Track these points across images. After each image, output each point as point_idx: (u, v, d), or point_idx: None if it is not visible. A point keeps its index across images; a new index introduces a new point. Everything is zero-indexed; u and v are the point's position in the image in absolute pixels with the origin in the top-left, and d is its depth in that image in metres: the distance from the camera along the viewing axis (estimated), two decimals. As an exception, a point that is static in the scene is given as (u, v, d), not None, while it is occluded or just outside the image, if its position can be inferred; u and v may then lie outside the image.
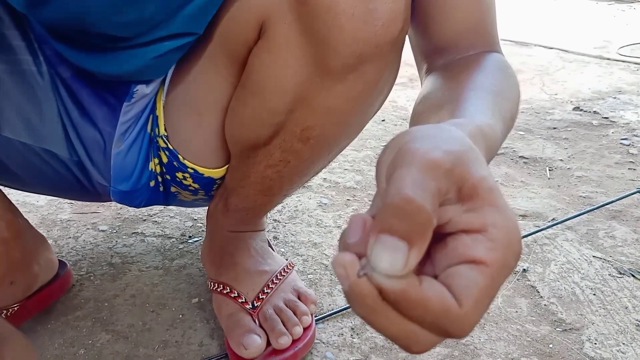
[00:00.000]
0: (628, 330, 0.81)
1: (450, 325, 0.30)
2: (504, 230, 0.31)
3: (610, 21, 3.49)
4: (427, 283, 0.30)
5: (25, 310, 0.80)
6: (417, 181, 0.30)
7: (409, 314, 0.30)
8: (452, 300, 0.30)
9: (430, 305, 0.29)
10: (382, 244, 0.28)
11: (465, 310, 0.30)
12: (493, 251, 0.30)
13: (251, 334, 0.73)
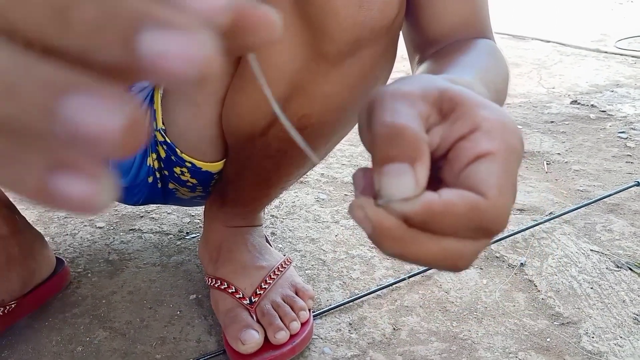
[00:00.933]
0: (625, 323, 0.81)
1: (484, 221, 0.30)
2: (495, 119, 0.32)
3: (607, 14, 3.48)
4: (445, 192, 0.30)
5: (22, 307, 0.80)
6: (393, 109, 0.31)
7: (441, 228, 0.29)
8: (476, 195, 0.29)
9: (457, 209, 0.29)
10: (387, 173, 0.29)
11: (492, 199, 0.29)
12: (494, 139, 0.31)
13: (249, 330, 0.73)
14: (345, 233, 1.05)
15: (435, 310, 0.84)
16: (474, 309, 0.85)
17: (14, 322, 0.80)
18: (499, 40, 2.99)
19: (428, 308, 0.85)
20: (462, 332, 0.80)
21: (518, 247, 1.00)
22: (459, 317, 0.83)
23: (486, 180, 0.30)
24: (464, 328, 0.81)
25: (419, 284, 0.90)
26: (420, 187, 0.29)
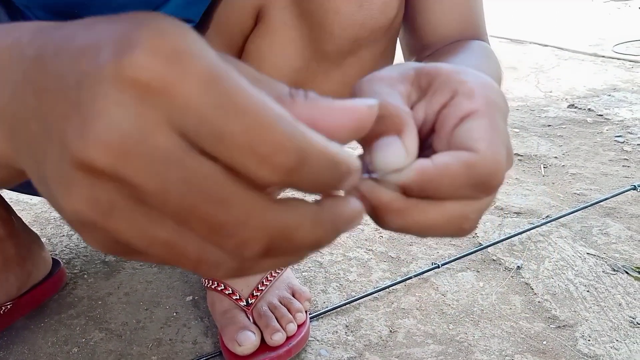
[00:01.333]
0: (621, 326, 0.81)
1: (481, 175, 0.30)
2: (473, 80, 0.32)
3: (605, 19, 3.49)
4: (437, 156, 0.30)
5: (18, 308, 0.80)
6: (374, 91, 0.31)
7: (440, 192, 0.30)
8: (468, 152, 0.30)
9: (452, 168, 0.29)
10: (377, 148, 0.29)
11: (483, 152, 0.30)
12: (474, 98, 0.31)
13: (245, 331, 0.73)
14: (342, 235, 1.05)
15: (431, 313, 0.84)
16: (470, 311, 0.85)
17: (10, 323, 0.80)
18: (497, 44, 3.00)
19: (425, 310, 0.85)
20: (459, 335, 0.80)
21: (515, 250, 1.00)
22: (456, 320, 0.83)
23: (474, 136, 0.30)
24: (461, 330, 0.81)
25: (416, 286, 0.90)
26: (411, 156, 0.29)
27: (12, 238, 0.80)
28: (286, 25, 0.57)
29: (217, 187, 0.21)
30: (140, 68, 0.19)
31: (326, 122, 0.24)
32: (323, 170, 0.23)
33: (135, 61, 0.19)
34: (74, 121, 0.20)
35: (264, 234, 0.22)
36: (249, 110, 0.20)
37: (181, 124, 0.20)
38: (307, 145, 0.21)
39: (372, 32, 0.56)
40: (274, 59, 0.59)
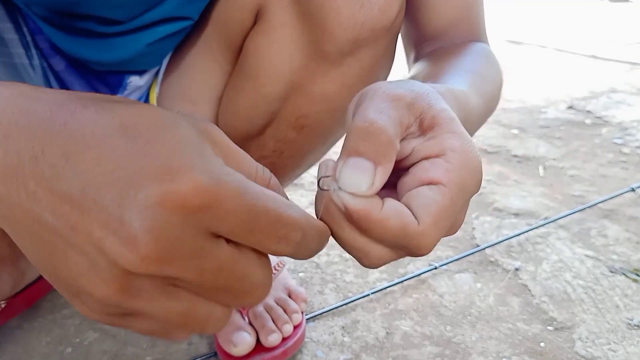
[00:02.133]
0: (619, 328, 0.80)
1: (408, 242, 0.31)
2: (461, 154, 0.32)
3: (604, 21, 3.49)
4: (389, 203, 0.31)
5: (12, 307, 0.79)
6: (380, 108, 0.32)
7: (370, 234, 0.31)
8: (411, 217, 0.31)
9: (391, 224, 0.30)
10: (350, 165, 0.30)
11: (422, 227, 0.31)
12: (450, 172, 0.32)
13: (240, 332, 0.72)
14: (339, 236, 1.05)
15: (429, 314, 0.84)
16: (467, 313, 0.84)
17: (4, 322, 0.79)
18: (497, 45, 3.00)
19: (422, 312, 0.84)
20: (456, 337, 0.79)
21: (512, 252, 1.00)
22: (453, 322, 0.82)
23: (426, 207, 0.31)
24: (458, 332, 0.80)
25: (413, 287, 0.90)
26: (373, 189, 0.30)
27: (6, 237, 0.79)
28: (286, 24, 0.57)
29: (239, 266, 0.28)
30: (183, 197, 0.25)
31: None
32: (315, 240, 0.31)
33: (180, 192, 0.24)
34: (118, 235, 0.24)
35: (267, 289, 0.30)
36: (269, 208, 0.27)
37: (217, 230, 0.26)
38: (306, 222, 0.29)
39: (373, 32, 0.56)
40: (273, 58, 0.59)
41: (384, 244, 0.32)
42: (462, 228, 1.07)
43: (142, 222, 0.24)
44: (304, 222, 0.29)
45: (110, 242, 0.24)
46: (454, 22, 0.62)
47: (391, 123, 0.31)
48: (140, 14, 0.58)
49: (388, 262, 0.35)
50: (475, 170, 0.33)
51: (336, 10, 0.53)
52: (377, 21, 0.55)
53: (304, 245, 0.30)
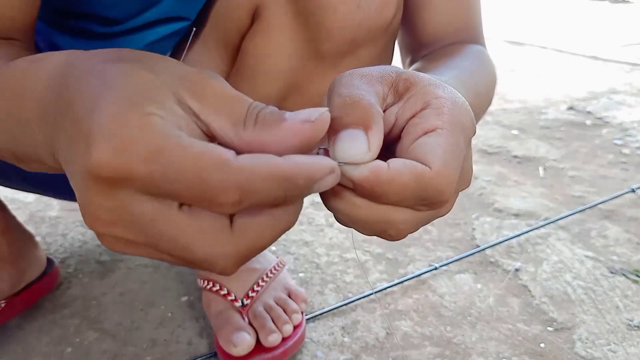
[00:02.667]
0: (619, 329, 0.80)
1: (427, 191, 0.31)
2: (446, 97, 0.33)
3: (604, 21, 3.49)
4: (394, 162, 0.31)
5: (12, 307, 0.79)
6: (352, 85, 0.33)
7: (387, 196, 0.30)
8: (421, 166, 0.31)
9: (403, 178, 0.30)
10: (341, 138, 0.30)
11: (436, 169, 0.31)
12: (442, 115, 0.32)
13: (240, 332, 0.72)
14: (339, 236, 1.05)
15: (429, 315, 0.84)
16: (467, 313, 0.84)
17: (4, 322, 0.79)
18: (497, 46, 3.01)
19: (422, 312, 0.84)
20: (456, 337, 0.79)
21: (512, 252, 1.00)
22: (453, 322, 0.82)
23: (431, 153, 0.31)
24: (458, 333, 0.80)
25: (413, 288, 0.90)
26: (372, 153, 0.30)
27: (6, 236, 0.79)
28: (283, 24, 0.57)
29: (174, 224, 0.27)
30: (98, 170, 0.25)
31: (274, 146, 0.28)
32: (275, 190, 0.26)
33: (94, 167, 0.26)
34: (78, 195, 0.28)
35: (233, 261, 0.29)
36: (188, 169, 0.25)
37: (142, 190, 0.26)
38: (245, 177, 0.26)
39: (370, 32, 0.56)
40: (270, 58, 0.59)
41: (404, 204, 0.32)
42: (462, 229, 1.07)
43: (79, 192, 0.28)
44: (242, 178, 0.26)
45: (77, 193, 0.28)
46: (450, 27, 0.62)
47: (366, 91, 0.32)
48: (138, 13, 0.58)
49: (416, 227, 0.34)
50: (465, 107, 0.34)
51: (333, 10, 0.53)
52: (374, 21, 0.55)
53: (258, 199, 0.27)
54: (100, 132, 0.26)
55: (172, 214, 0.27)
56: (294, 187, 0.27)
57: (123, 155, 0.25)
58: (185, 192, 0.26)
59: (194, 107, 0.29)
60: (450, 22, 0.62)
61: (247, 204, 0.26)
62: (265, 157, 0.27)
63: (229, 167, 0.26)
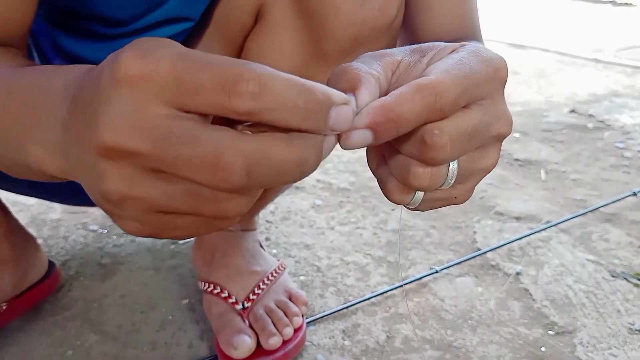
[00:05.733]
0: (620, 333, 0.80)
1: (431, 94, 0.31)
2: (470, 44, 0.35)
3: (607, 24, 3.49)
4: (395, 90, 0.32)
5: (13, 309, 0.80)
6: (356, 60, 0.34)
7: (404, 117, 0.31)
8: (421, 78, 0.32)
9: (407, 94, 0.31)
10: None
11: (435, 76, 0.31)
12: (460, 50, 0.34)
13: (241, 334, 0.72)
14: (340, 239, 1.05)
15: (429, 318, 0.83)
16: (468, 317, 0.84)
17: (5, 324, 0.79)
18: (499, 49, 3.00)
19: (422, 316, 0.84)
20: (457, 341, 0.79)
21: (514, 256, 1.00)
22: (454, 326, 0.82)
23: (435, 67, 0.33)
24: (459, 336, 0.80)
25: (414, 291, 0.90)
26: (360, 102, 0.31)
27: (8, 238, 0.80)
28: (286, 23, 0.57)
29: (191, 132, 0.26)
30: (125, 68, 0.26)
31: None
32: (295, 96, 0.26)
33: (120, 65, 0.26)
34: (91, 124, 0.27)
35: (240, 159, 0.26)
36: (209, 63, 0.26)
37: (165, 99, 0.26)
38: (267, 73, 0.26)
39: (373, 31, 0.56)
40: (273, 57, 0.59)
41: (420, 119, 0.31)
42: (463, 232, 1.07)
43: (100, 106, 0.27)
44: (263, 72, 0.26)
45: (88, 135, 0.28)
46: (450, 27, 0.62)
47: (365, 63, 0.33)
48: (142, 14, 0.59)
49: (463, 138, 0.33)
50: (489, 50, 0.35)
51: (336, 8, 0.53)
52: (377, 20, 0.55)
53: (275, 101, 0.26)
54: (126, 49, 0.27)
55: (190, 122, 0.27)
56: (314, 99, 0.27)
57: (150, 55, 0.26)
58: (207, 82, 0.25)
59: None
60: (450, 21, 0.62)
61: (265, 104, 0.26)
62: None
63: (250, 63, 0.26)
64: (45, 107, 0.33)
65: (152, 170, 0.27)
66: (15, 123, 0.36)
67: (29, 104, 0.35)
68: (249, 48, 0.60)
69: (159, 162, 0.26)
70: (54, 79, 0.34)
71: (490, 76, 0.34)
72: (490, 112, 0.34)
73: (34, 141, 0.34)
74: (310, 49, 0.57)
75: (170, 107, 0.26)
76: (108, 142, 0.26)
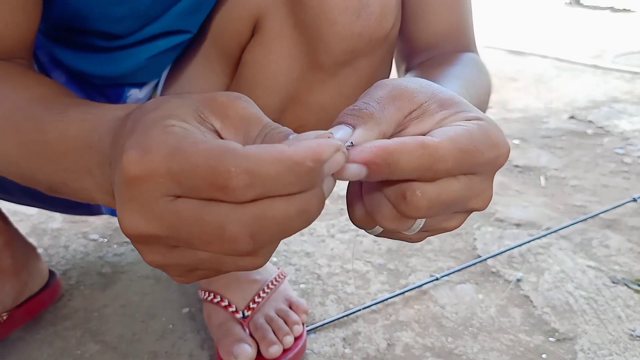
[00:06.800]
0: (621, 340, 0.80)
1: (432, 156, 0.32)
2: (486, 119, 0.35)
3: (605, 30, 3.50)
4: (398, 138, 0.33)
5: (14, 319, 0.80)
6: (373, 97, 0.35)
7: (400, 165, 0.31)
8: (428, 137, 0.32)
9: (408, 146, 0.31)
10: (332, 129, 0.34)
11: (439, 140, 0.32)
12: (469, 121, 0.34)
13: (241, 343, 0.72)
14: (340, 247, 1.05)
15: (430, 326, 0.83)
16: (469, 324, 0.84)
17: (6, 334, 0.79)
18: (498, 55, 3.01)
19: (423, 323, 0.84)
20: (457, 348, 0.79)
21: (514, 262, 1.00)
22: (454, 333, 0.82)
23: (443, 132, 0.33)
24: (459, 344, 0.80)
25: (415, 299, 0.90)
26: (354, 139, 0.33)
27: (9, 248, 0.80)
28: (283, 36, 0.57)
29: (195, 212, 0.29)
30: (127, 170, 0.29)
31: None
32: (286, 174, 0.27)
33: (124, 168, 0.29)
34: (118, 212, 0.31)
35: (243, 227, 0.28)
36: (200, 160, 0.27)
37: (167, 190, 0.29)
38: (253, 162, 0.27)
39: (369, 43, 0.56)
40: (270, 70, 0.59)
41: (417, 172, 0.32)
42: (463, 239, 1.07)
43: (117, 200, 0.31)
44: (249, 163, 0.27)
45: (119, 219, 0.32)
46: (444, 34, 0.62)
47: (380, 106, 0.35)
48: (140, 28, 0.59)
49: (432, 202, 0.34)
50: (499, 131, 0.35)
51: (333, 21, 0.53)
52: (374, 31, 0.55)
53: (268, 185, 0.27)
54: (129, 143, 0.30)
55: (192, 203, 0.29)
56: (305, 170, 0.28)
57: (147, 156, 0.28)
58: (202, 183, 0.27)
59: (216, 125, 0.32)
60: (445, 30, 0.63)
61: (260, 189, 0.27)
62: (270, 145, 0.28)
63: (236, 153, 0.27)
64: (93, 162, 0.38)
65: (176, 247, 0.31)
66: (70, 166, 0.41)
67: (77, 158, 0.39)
68: (245, 60, 0.61)
69: (176, 241, 0.30)
70: (91, 133, 0.38)
71: (491, 160, 0.35)
72: (475, 188, 0.35)
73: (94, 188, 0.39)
74: (306, 61, 0.57)
75: (174, 195, 0.29)
76: (132, 232, 0.30)
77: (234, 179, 0.27)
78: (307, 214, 0.29)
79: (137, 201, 0.29)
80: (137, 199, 0.29)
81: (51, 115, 0.42)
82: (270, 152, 0.27)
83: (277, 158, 0.27)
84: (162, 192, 0.29)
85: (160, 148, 0.29)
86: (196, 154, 0.28)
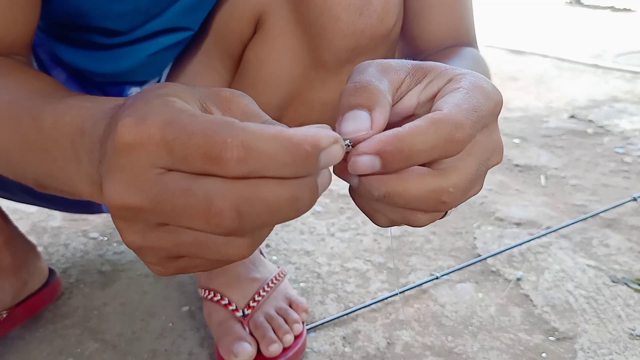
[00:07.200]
0: (621, 339, 0.80)
1: (446, 127, 0.32)
2: (464, 72, 0.36)
3: (606, 29, 3.50)
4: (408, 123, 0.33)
5: (13, 317, 0.80)
6: (366, 72, 0.35)
7: (416, 150, 0.31)
8: (435, 112, 0.34)
9: (420, 127, 0.32)
10: (346, 118, 0.33)
11: (448, 110, 0.32)
12: (461, 81, 0.35)
13: (241, 342, 0.72)
14: (340, 246, 1.05)
15: (430, 325, 0.83)
16: (469, 323, 0.84)
17: (5, 332, 0.79)
18: (498, 54, 3.01)
19: (423, 322, 0.84)
20: (457, 347, 0.79)
21: (514, 262, 1.00)
22: (454, 332, 0.82)
23: (443, 102, 0.34)
24: (459, 342, 0.80)
25: (414, 297, 0.89)
26: (374, 130, 0.32)
27: (8, 246, 0.80)
28: (285, 33, 0.57)
29: (183, 184, 0.27)
30: (121, 136, 0.28)
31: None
32: (282, 154, 0.27)
33: (118, 133, 0.28)
34: (104, 185, 0.30)
35: (230, 201, 0.27)
36: (196, 130, 0.27)
37: (157, 160, 0.28)
38: (251, 136, 0.26)
39: (372, 41, 0.56)
40: (272, 67, 0.59)
41: (434, 153, 0.32)
42: (463, 238, 1.07)
43: (107, 170, 0.30)
44: (246, 135, 0.27)
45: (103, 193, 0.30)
46: (446, 33, 0.62)
47: (376, 77, 0.35)
48: (141, 24, 0.59)
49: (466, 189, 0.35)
50: (485, 78, 0.36)
51: (335, 18, 0.53)
52: (376, 29, 0.55)
53: (261, 161, 0.27)
54: (127, 112, 0.29)
55: (181, 176, 0.28)
56: (301, 153, 0.27)
57: (143, 123, 0.28)
58: (194, 152, 0.27)
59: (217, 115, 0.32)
60: (447, 28, 0.63)
61: (253, 165, 0.26)
62: (270, 125, 0.28)
63: (234, 126, 0.27)
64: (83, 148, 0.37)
65: (159, 224, 0.29)
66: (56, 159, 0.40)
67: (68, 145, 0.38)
68: (247, 58, 0.61)
69: (160, 215, 0.28)
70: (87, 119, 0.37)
71: (492, 110, 0.35)
72: (489, 144, 0.36)
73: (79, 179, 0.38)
74: (309, 59, 0.57)
75: (164, 168, 0.28)
76: (115, 202, 0.29)
77: (228, 149, 0.26)
78: (298, 203, 0.28)
79: (126, 171, 0.28)
80: (125, 169, 0.28)
81: (49, 104, 0.41)
82: (270, 129, 0.27)
83: (275, 136, 0.27)
84: (153, 162, 0.28)
85: (158, 117, 0.28)
86: (193, 124, 0.27)
